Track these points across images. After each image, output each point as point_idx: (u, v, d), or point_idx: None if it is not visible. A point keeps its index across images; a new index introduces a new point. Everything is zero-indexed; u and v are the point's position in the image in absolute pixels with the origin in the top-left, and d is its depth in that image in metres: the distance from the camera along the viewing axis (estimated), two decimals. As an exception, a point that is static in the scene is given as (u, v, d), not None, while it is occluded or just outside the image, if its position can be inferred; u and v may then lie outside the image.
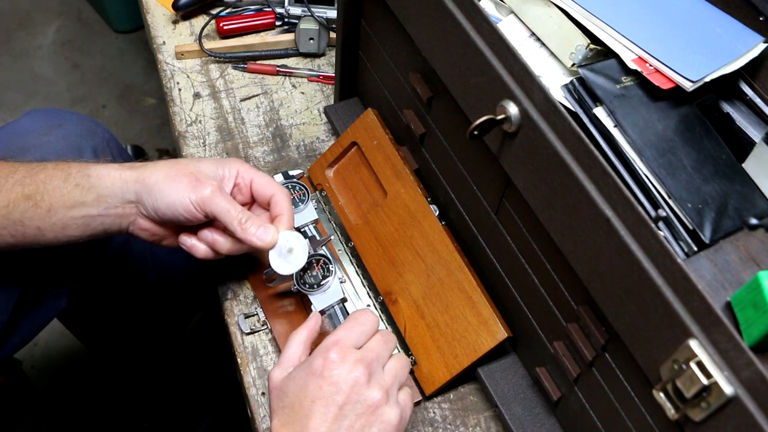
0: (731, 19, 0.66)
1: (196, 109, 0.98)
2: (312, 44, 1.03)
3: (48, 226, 0.65)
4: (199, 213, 0.66)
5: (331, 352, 0.59)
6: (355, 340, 0.62)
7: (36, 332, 0.87)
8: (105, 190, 0.65)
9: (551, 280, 0.62)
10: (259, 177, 0.71)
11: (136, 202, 0.66)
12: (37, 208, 0.64)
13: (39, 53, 2.06)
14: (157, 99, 1.98)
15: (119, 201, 0.66)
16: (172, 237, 0.71)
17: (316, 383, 0.58)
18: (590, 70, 0.61)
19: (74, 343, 1.28)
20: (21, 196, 0.64)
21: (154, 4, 1.10)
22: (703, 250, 0.55)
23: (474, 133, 0.58)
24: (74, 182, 0.65)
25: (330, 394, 0.58)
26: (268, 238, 0.67)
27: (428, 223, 0.75)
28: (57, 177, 0.65)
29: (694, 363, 0.45)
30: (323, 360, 0.59)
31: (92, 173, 0.65)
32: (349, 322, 0.63)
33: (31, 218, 0.65)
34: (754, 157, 0.61)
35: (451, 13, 0.60)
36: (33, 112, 0.86)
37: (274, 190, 0.71)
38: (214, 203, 0.65)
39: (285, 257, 0.69)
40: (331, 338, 0.61)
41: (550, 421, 0.71)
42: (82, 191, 0.65)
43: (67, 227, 0.66)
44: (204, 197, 0.65)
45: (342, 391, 0.58)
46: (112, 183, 0.65)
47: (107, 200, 0.65)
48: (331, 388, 0.58)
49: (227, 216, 0.66)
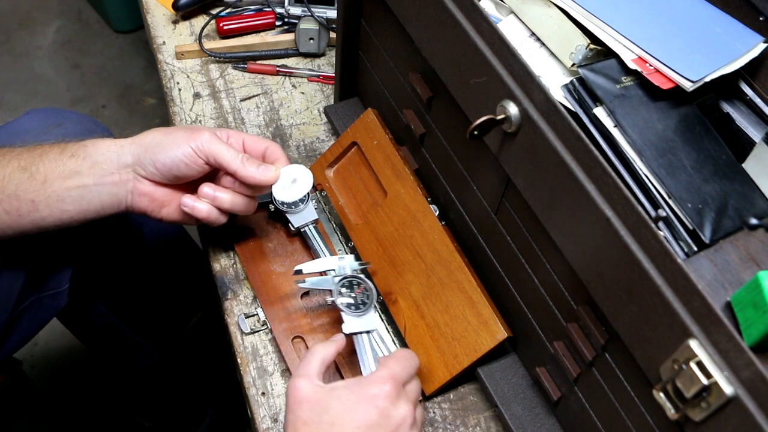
0: (731, 19, 0.66)
1: (196, 109, 0.98)
2: (312, 44, 1.03)
3: (42, 199, 0.65)
4: (200, 158, 0.67)
5: (387, 385, 0.60)
6: (405, 378, 0.63)
7: (35, 331, 0.87)
8: (101, 157, 0.66)
9: (551, 280, 0.62)
10: (249, 137, 0.74)
11: (133, 164, 0.67)
12: (32, 180, 0.65)
13: (39, 53, 2.06)
14: (157, 99, 1.98)
15: (115, 167, 0.67)
16: (173, 204, 0.71)
17: (367, 410, 0.59)
18: (590, 70, 0.61)
19: (74, 342, 1.27)
20: (17, 169, 0.65)
21: (154, 4, 1.10)
22: (703, 250, 0.55)
23: (474, 133, 0.58)
24: (70, 153, 0.66)
25: (378, 426, 0.58)
26: (270, 173, 0.70)
27: (428, 223, 0.75)
28: (53, 151, 0.67)
29: (694, 363, 0.45)
30: (380, 390, 0.60)
31: (88, 144, 0.68)
32: (401, 360, 0.64)
33: (25, 190, 0.65)
34: (754, 157, 0.61)
35: (451, 13, 0.60)
36: (32, 111, 0.87)
37: (266, 143, 0.74)
38: (214, 145, 0.67)
39: (289, 188, 0.73)
40: (386, 371, 0.62)
41: (550, 421, 0.71)
42: (78, 160, 0.66)
43: (62, 200, 0.66)
44: (203, 141, 0.67)
45: (390, 425, 0.59)
46: (107, 149, 0.67)
47: (103, 167, 0.66)
48: (382, 420, 0.59)
49: (227, 155, 0.68)
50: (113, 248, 0.96)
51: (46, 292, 0.85)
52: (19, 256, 0.78)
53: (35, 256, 0.80)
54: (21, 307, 0.81)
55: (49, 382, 1.48)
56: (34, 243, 0.77)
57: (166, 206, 0.71)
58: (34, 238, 0.71)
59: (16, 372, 1.31)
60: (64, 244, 0.83)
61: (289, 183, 0.74)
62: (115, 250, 0.97)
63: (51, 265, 0.84)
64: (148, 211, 0.70)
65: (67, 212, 0.67)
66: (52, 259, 0.83)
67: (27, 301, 0.82)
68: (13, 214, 0.66)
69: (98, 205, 0.68)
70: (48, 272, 0.84)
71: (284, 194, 0.75)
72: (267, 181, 0.70)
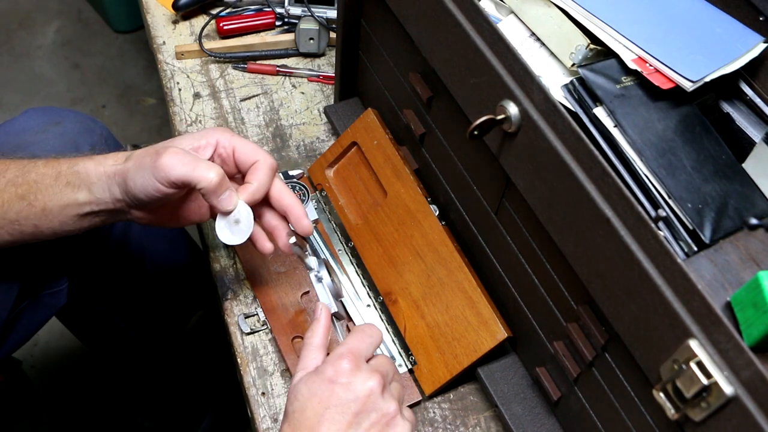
0: (731, 19, 0.66)
1: (196, 109, 0.98)
2: (312, 44, 1.03)
3: (45, 224, 0.65)
4: (168, 188, 0.61)
5: (344, 361, 0.58)
6: (365, 352, 0.61)
7: (35, 330, 0.87)
8: (94, 186, 0.64)
9: (551, 280, 0.62)
10: (241, 144, 0.66)
11: (122, 198, 0.65)
12: (31, 208, 0.64)
13: (39, 53, 2.06)
14: (157, 99, 1.98)
15: (109, 197, 0.65)
16: (174, 217, 0.70)
17: (330, 389, 0.57)
18: (590, 70, 0.61)
19: (74, 342, 1.27)
20: (15, 197, 0.64)
21: (154, 4, 1.10)
22: (703, 250, 0.55)
23: (474, 133, 0.58)
24: (65, 181, 0.64)
25: (345, 402, 0.56)
26: (231, 206, 0.63)
27: (428, 223, 0.75)
28: (48, 176, 0.64)
29: (694, 363, 0.45)
30: (336, 367, 0.58)
31: (81, 170, 0.64)
32: (358, 333, 0.62)
33: (27, 218, 0.65)
34: (754, 157, 0.61)
35: (451, 13, 0.60)
36: (31, 110, 0.86)
37: (257, 157, 0.66)
38: (174, 169, 0.60)
39: (231, 227, 0.66)
40: (342, 347, 0.60)
41: (550, 421, 0.71)
42: (74, 189, 0.64)
43: (65, 224, 0.66)
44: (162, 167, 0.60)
45: (358, 399, 0.57)
46: (98, 179, 0.64)
47: (97, 196, 0.65)
48: (346, 395, 0.57)
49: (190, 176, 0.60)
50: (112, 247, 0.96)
51: (46, 290, 0.85)
52: (19, 254, 0.78)
53: (35, 254, 0.80)
54: (20, 305, 0.81)
55: (49, 382, 1.48)
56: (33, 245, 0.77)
57: (167, 221, 0.70)
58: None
59: (16, 372, 1.31)
60: (63, 247, 0.83)
61: (233, 221, 0.65)
62: (114, 249, 0.97)
63: (51, 259, 0.84)
64: (153, 224, 0.70)
65: (72, 230, 0.67)
66: (51, 257, 0.83)
67: (26, 299, 0.82)
68: (17, 236, 0.66)
69: (100, 222, 0.68)
70: (48, 266, 0.84)
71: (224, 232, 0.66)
72: (222, 210, 0.64)
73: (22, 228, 0.65)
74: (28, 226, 0.65)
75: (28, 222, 0.65)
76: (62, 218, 0.65)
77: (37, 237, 0.67)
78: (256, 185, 0.65)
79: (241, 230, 0.66)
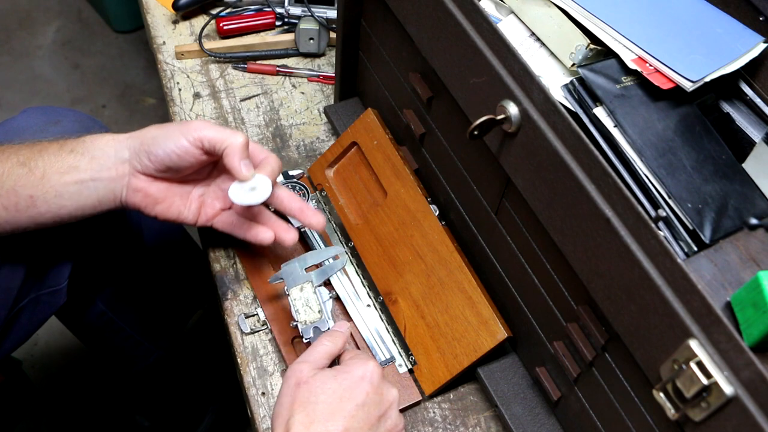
0: (731, 19, 0.66)
1: (196, 109, 0.98)
2: (312, 44, 1.03)
3: (40, 195, 0.66)
4: (194, 146, 0.67)
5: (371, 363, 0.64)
6: None
7: (35, 329, 0.87)
8: (98, 152, 0.67)
9: (551, 280, 0.62)
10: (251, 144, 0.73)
11: (129, 158, 0.68)
12: (30, 175, 0.66)
13: (39, 53, 2.06)
14: (157, 99, 1.98)
15: (112, 161, 0.67)
16: (166, 201, 0.71)
17: (363, 387, 0.62)
18: (590, 70, 0.61)
19: (74, 342, 1.27)
20: (16, 164, 0.66)
21: (154, 4, 1.10)
22: (703, 250, 0.55)
23: (474, 133, 0.58)
24: (69, 148, 0.67)
25: (374, 404, 0.62)
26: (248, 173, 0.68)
27: (428, 223, 0.75)
28: (53, 146, 0.68)
29: (694, 363, 0.45)
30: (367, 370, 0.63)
31: (87, 139, 0.68)
32: None
33: (24, 186, 0.66)
34: (754, 157, 0.61)
35: (451, 13, 0.60)
36: (29, 109, 0.86)
37: (265, 155, 0.72)
38: (203, 130, 0.67)
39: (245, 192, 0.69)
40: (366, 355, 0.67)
41: (550, 421, 0.71)
42: (76, 156, 0.67)
43: (60, 195, 0.66)
44: (194, 126, 0.67)
45: (384, 403, 0.63)
46: (105, 144, 0.68)
47: (100, 162, 0.67)
48: (376, 397, 0.62)
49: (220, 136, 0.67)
50: (111, 246, 0.97)
51: (45, 289, 0.85)
52: (18, 253, 0.78)
53: (34, 253, 0.80)
54: (20, 304, 0.81)
55: (49, 382, 1.48)
56: (32, 240, 0.78)
57: (160, 203, 0.71)
58: (33, 235, 0.71)
59: (16, 372, 1.31)
60: (63, 241, 0.83)
61: (248, 188, 0.69)
62: (113, 248, 0.97)
63: (50, 263, 0.84)
64: (141, 207, 0.70)
65: (65, 207, 0.67)
66: (50, 256, 0.83)
67: (26, 298, 0.82)
68: (11, 210, 0.66)
69: (95, 200, 0.68)
70: (47, 269, 0.84)
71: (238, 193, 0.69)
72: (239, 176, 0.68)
73: (18, 199, 0.66)
74: (23, 196, 0.66)
75: (25, 191, 0.66)
76: (59, 187, 0.66)
77: (30, 214, 0.67)
78: (272, 167, 0.70)
79: (257, 195, 0.69)
